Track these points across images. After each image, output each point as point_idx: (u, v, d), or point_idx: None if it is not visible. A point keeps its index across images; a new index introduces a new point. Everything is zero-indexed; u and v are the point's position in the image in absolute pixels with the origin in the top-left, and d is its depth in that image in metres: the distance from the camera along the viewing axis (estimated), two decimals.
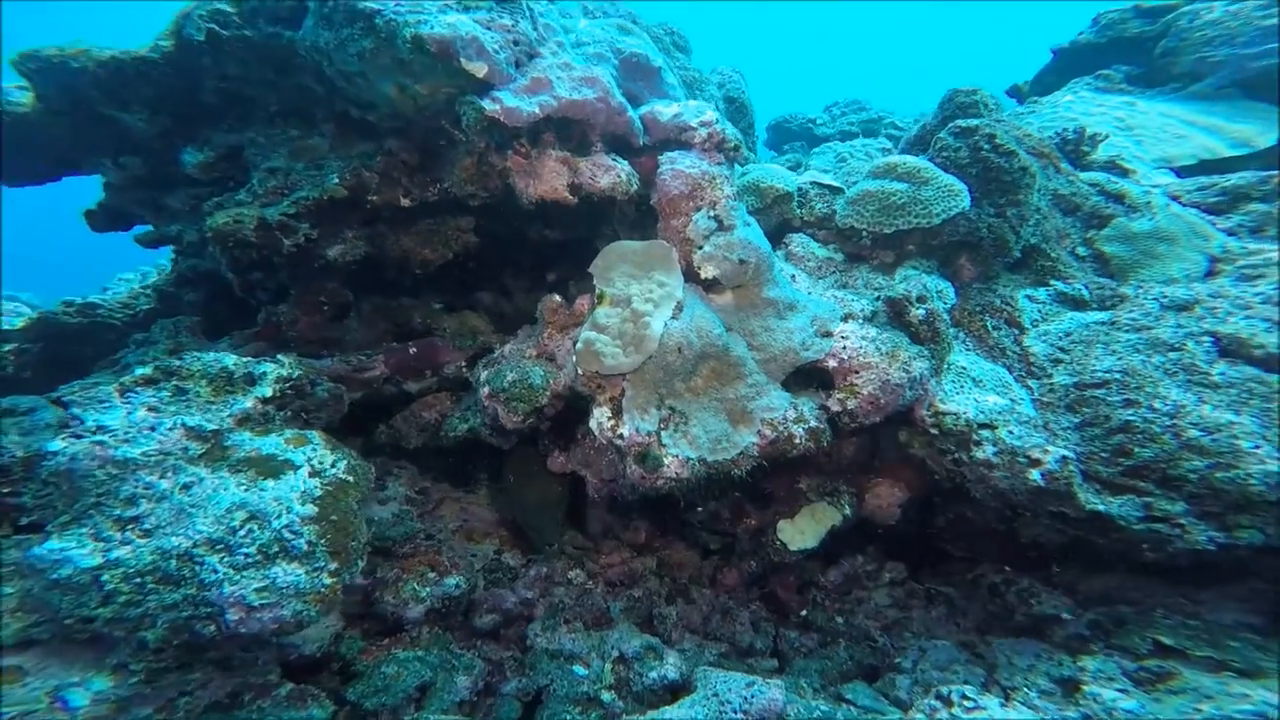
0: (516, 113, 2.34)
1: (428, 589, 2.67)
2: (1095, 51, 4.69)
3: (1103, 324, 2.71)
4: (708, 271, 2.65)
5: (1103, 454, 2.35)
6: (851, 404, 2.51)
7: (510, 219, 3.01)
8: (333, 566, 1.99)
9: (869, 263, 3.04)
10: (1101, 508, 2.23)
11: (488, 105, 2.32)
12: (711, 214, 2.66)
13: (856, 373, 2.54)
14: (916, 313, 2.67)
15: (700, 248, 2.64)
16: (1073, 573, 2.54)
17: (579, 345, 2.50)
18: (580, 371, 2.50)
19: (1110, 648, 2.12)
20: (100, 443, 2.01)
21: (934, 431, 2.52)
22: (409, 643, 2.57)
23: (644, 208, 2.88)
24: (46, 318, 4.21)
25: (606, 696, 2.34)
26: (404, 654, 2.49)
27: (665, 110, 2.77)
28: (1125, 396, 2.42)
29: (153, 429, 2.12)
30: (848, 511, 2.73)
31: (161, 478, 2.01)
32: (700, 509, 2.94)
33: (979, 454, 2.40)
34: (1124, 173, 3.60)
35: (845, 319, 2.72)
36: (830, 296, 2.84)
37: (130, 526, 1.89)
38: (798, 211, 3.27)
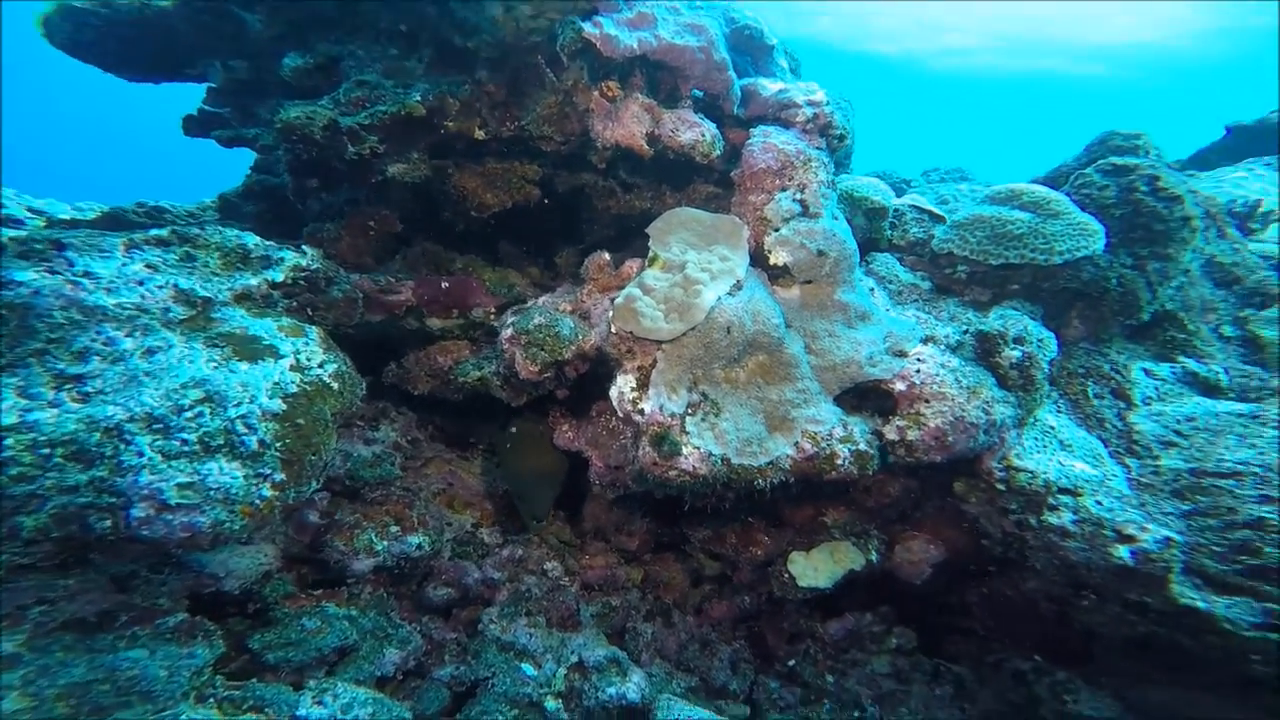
0: (613, 41, 2.19)
1: (385, 543, 2.33)
2: None
3: (1242, 416, 2.23)
4: (779, 257, 2.36)
5: (1215, 547, 1.93)
6: (912, 435, 2.11)
7: (578, 172, 2.85)
8: (279, 478, 1.68)
9: (959, 297, 2.68)
10: (1201, 605, 1.86)
11: (587, 27, 2.18)
12: (798, 197, 2.40)
13: (926, 401, 2.16)
14: (1010, 354, 2.28)
15: (777, 229, 2.37)
16: (1121, 676, 2.05)
17: (618, 300, 2.24)
18: (613, 330, 2.22)
19: None
20: (77, 283, 1.77)
21: (1000, 487, 2.12)
22: (346, 599, 2.22)
23: (724, 185, 2.66)
24: (116, 214, 4.31)
25: (551, 704, 1.96)
26: (334, 609, 2.14)
27: (769, 84, 2.57)
28: (1263, 492, 1.96)
29: (141, 283, 1.89)
30: (874, 557, 2.31)
31: (128, 335, 1.75)
32: (705, 527, 2.55)
33: (1053, 519, 2.01)
34: None
35: (925, 341, 2.35)
36: (911, 316, 2.49)
37: (69, 385, 1.61)
38: (889, 233, 2.95)
